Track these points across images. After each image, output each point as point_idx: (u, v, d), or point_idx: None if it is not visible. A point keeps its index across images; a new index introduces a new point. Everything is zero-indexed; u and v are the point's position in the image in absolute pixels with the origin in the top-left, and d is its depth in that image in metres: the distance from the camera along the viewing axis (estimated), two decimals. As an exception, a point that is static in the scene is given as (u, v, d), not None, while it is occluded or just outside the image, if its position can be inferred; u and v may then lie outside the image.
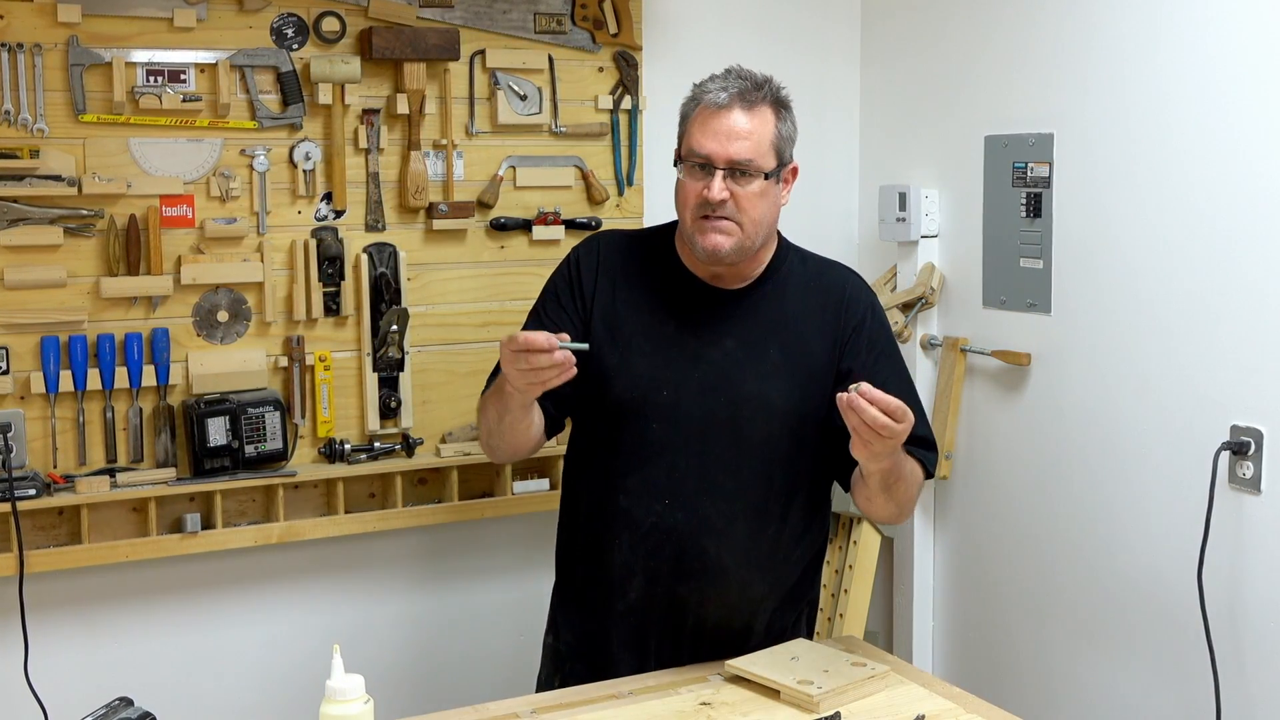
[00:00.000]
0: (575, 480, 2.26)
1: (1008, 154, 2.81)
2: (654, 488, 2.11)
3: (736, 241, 2.04)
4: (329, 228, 2.70)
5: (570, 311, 2.17)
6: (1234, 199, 2.35)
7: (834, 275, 2.22)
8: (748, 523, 2.14)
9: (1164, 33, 2.46)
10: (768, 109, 2.04)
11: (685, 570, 2.13)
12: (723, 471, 2.10)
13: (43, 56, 2.44)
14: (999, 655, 2.97)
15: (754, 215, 2.04)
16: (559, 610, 2.31)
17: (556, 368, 1.89)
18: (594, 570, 2.21)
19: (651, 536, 2.13)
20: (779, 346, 2.12)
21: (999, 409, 2.91)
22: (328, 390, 2.70)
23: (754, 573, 2.16)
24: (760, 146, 2.02)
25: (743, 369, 2.10)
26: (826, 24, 3.20)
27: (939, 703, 1.98)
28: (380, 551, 2.86)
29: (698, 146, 2.02)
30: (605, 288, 2.17)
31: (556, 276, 2.24)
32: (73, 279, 2.50)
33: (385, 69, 2.70)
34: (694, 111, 2.07)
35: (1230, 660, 2.38)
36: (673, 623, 2.17)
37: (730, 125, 2.01)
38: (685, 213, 2.07)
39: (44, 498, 2.44)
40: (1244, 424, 2.35)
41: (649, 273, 2.18)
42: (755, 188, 2.02)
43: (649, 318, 2.14)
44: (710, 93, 2.04)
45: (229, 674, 2.75)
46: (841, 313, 2.16)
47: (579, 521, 2.25)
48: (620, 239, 2.25)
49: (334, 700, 1.68)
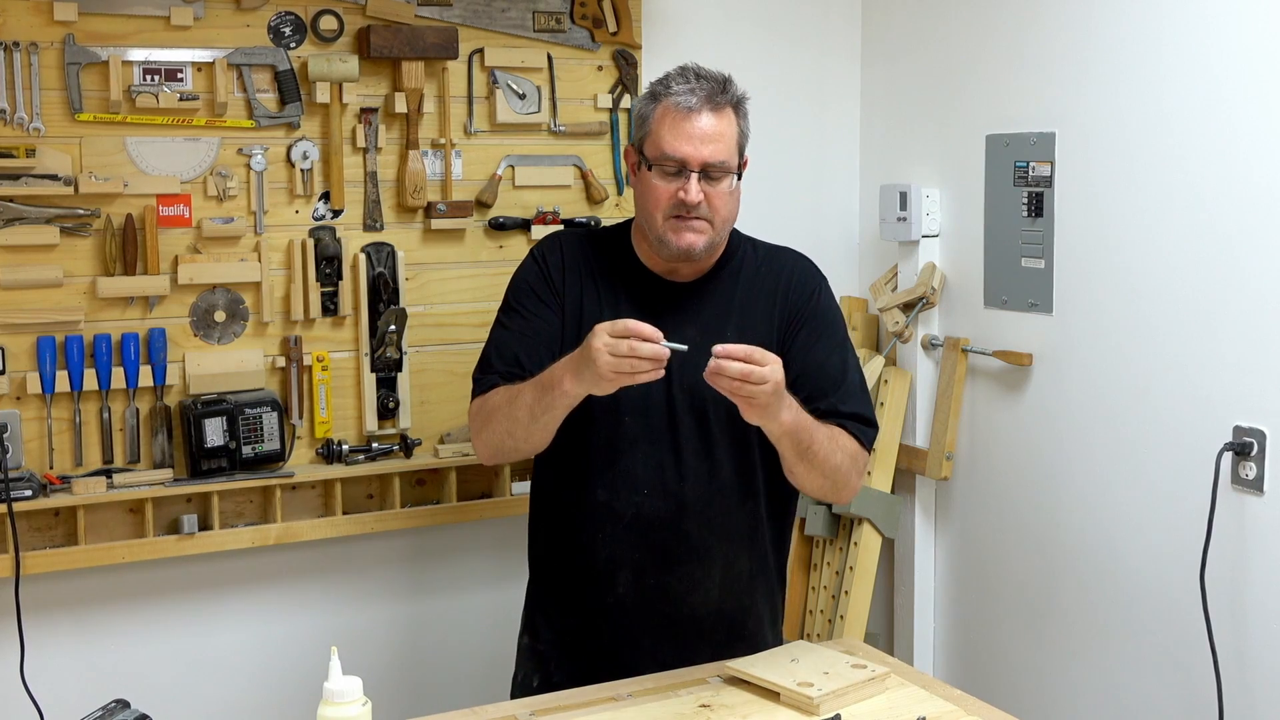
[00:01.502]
0: (547, 478, 2.27)
1: (1009, 153, 2.81)
2: (631, 479, 2.15)
3: (708, 239, 2.11)
4: (327, 227, 2.69)
5: (551, 307, 2.20)
6: (1237, 198, 2.34)
7: (782, 260, 2.26)
8: (725, 500, 2.18)
9: (1166, 31, 2.46)
10: (731, 110, 2.10)
11: (671, 557, 2.17)
12: (695, 455, 2.15)
13: (39, 55, 2.43)
14: (1000, 657, 2.96)
15: (724, 214, 2.11)
16: (537, 610, 2.31)
17: (653, 361, 1.87)
18: (576, 567, 2.22)
19: (634, 527, 2.16)
20: (734, 330, 2.16)
21: (1000, 409, 2.90)
22: (325, 391, 2.69)
23: (738, 548, 2.21)
24: (729, 147, 2.08)
25: (704, 354, 2.11)
26: (827, 21, 3.20)
27: (940, 705, 1.97)
28: (378, 553, 2.85)
29: (670, 150, 2.06)
30: (573, 283, 2.21)
31: (526, 274, 2.25)
32: (69, 279, 2.49)
33: (383, 68, 2.69)
34: (655, 112, 2.09)
35: (1233, 662, 2.38)
36: (665, 614, 2.18)
37: (701, 129, 2.05)
38: (656, 213, 2.10)
39: (40, 499, 2.43)
40: (1247, 424, 2.34)
41: (610, 269, 2.22)
42: (726, 186, 2.09)
43: (614, 312, 2.14)
44: (676, 94, 2.07)
45: (226, 676, 2.74)
46: (789, 295, 2.21)
47: (554, 519, 2.26)
48: (577, 238, 2.29)
49: (332, 702, 1.67)
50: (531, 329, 2.18)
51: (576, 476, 2.19)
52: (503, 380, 2.15)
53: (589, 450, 2.16)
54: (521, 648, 2.34)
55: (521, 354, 2.15)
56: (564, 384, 1.97)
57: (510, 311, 2.22)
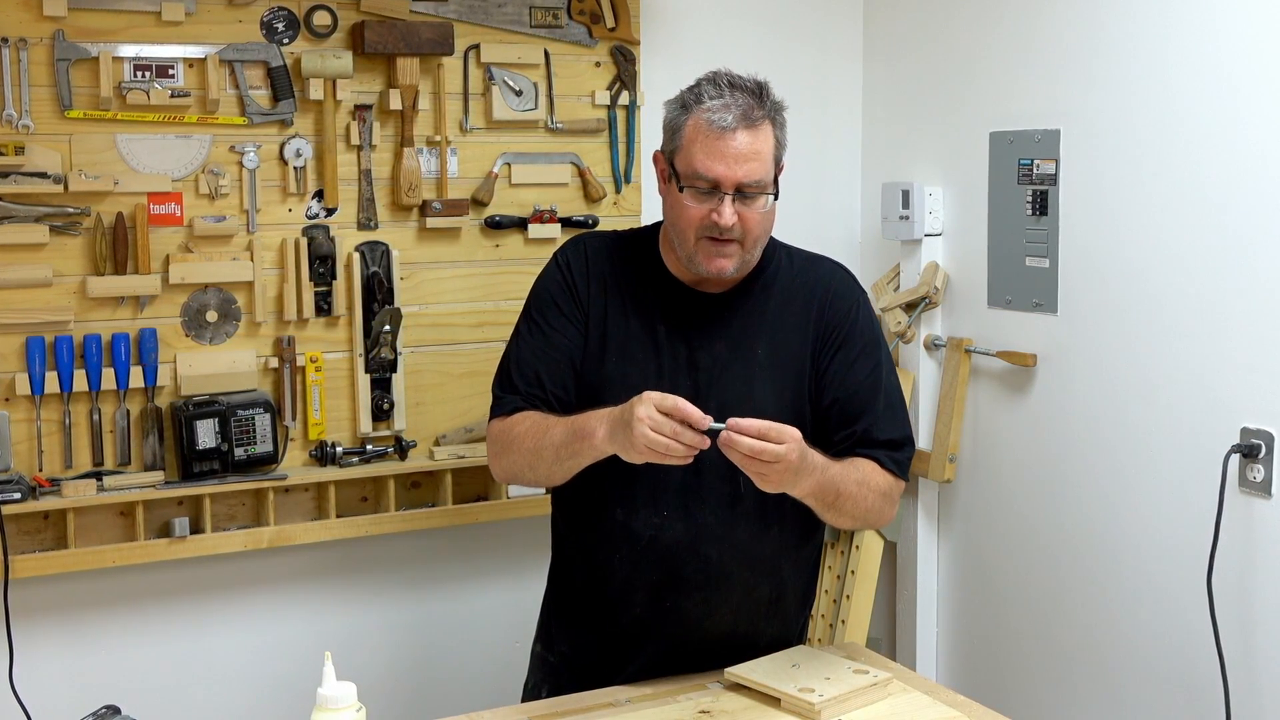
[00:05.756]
0: (567, 493, 2.20)
1: (1013, 150, 2.79)
2: (650, 499, 2.08)
3: (739, 260, 2.04)
4: (320, 226, 2.67)
5: (574, 321, 2.13)
6: (1244, 196, 2.33)
7: (818, 271, 2.19)
8: (749, 526, 2.11)
9: (1173, 27, 2.44)
10: (768, 124, 2.01)
11: (689, 582, 2.10)
12: (718, 477, 2.06)
13: (28, 51, 2.41)
14: (1004, 662, 2.95)
15: (758, 233, 2.03)
16: (553, 621, 2.27)
17: (691, 449, 1.82)
18: (592, 585, 2.17)
19: (652, 550, 2.09)
20: (765, 346, 2.10)
21: (1004, 411, 2.88)
22: (319, 392, 2.68)
23: (759, 576, 2.14)
24: (765, 165, 2.00)
25: (731, 371, 2.09)
26: (828, 18, 3.18)
27: (943, 711, 1.96)
28: (372, 556, 2.83)
29: (704, 170, 1.98)
30: (597, 293, 2.14)
31: (548, 283, 2.17)
32: (58, 278, 2.47)
33: (378, 64, 2.67)
34: (687, 125, 2.01)
35: (1240, 667, 2.36)
36: (678, 637, 2.13)
37: (737, 148, 1.97)
38: (688, 233, 2.03)
39: (29, 501, 2.42)
40: (1254, 426, 2.33)
41: (636, 278, 2.15)
42: (761, 205, 2.01)
43: (640, 324, 2.11)
44: (711, 111, 1.98)
45: (218, 681, 2.73)
46: (825, 309, 2.14)
47: (573, 534, 2.21)
48: (603, 242, 2.21)
49: (325, 709, 1.66)
50: (553, 345, 2.11)
51: (596, 495, 2.12)
52: (524, 402, 2.10)
53: (609, 469, 2.05)
54: (534, 655, 2.30)
55: (543, 373, 2.10)
56: (595, 436, 1.92)
57: (532, 323, 2.15)
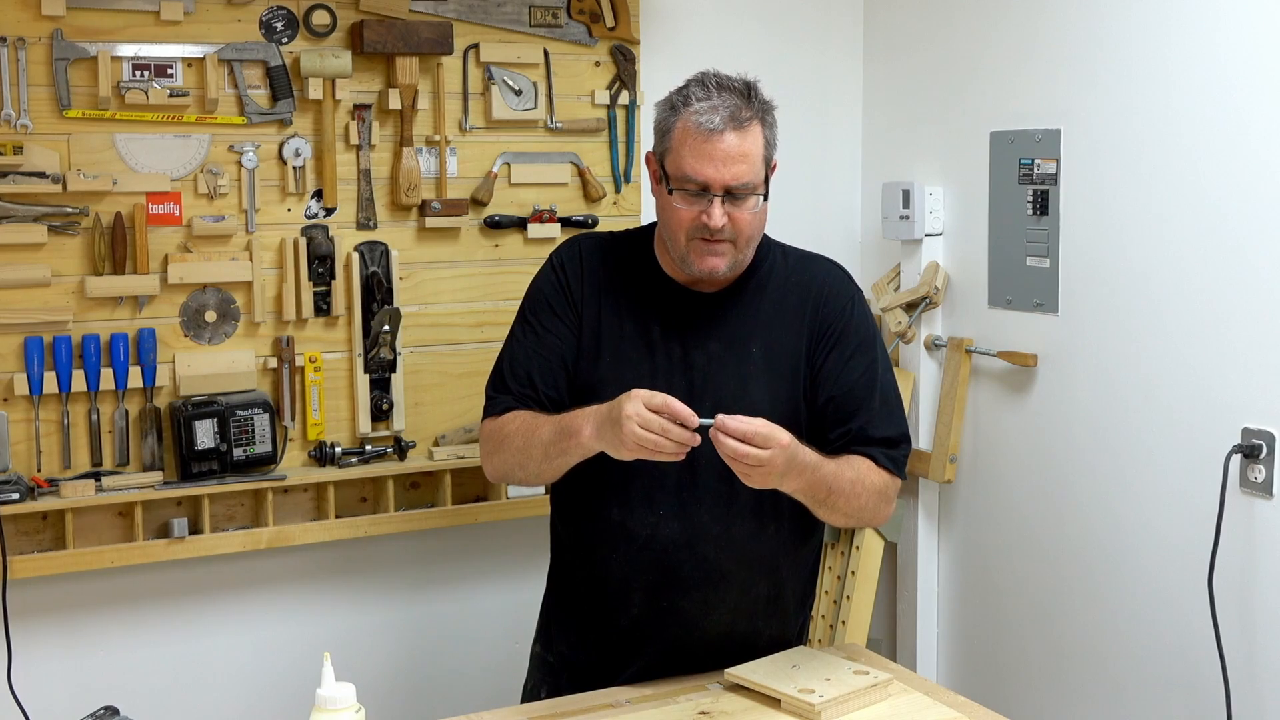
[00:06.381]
0: (564, 492, 2.21)
1: (1014, 150, 2.78)
2: (647, 499, 2.08)
3: (732, 260, 2.04)
4: (319, 226, 2.66)
5: (567, 322, 2.13)
6: (1245, 196, 2.32)
7: (813, 270, 2.18)
8: (746, 524, 2.11)
9: (1174, 26, 2.44)
10: (757, 124, 2.01)
11: (687, 581, 2.09)
12: (715, 476, 2.05)
13: (26, 50, 2.41)
14: (1004, 662, 2.94)
15: (749, 233, 2.03)
16: (552, 622, 2.26)
17: (680, 446, 1.83)
18: (591, 584, 2.17)
19: (649, 549, 2.09)
20: (760, 345, 2.10)
21: (1005, 411, 2.87)
22: (318, 392, 2.67)
23: (757, 574, 2.14)
24: (754, 166, 2.00)
25: (726, 370, 2.09)
26: (828, 17, 3.17)
27: (943, 712, 1.96)
28: (372, 557, 2.83)
29: (693, 173, 1.98)
30: (591, 294, 2.14)
31: (542, 284, 2.18)
32: (57, 278, 2.46)
33: (377, 63, 2.67)
34: (675, 127, 2.01)
35: (1242, 668, 2.36)
36: (677, 636, 2.13)
37: (725, 150, 1.97)
38: (679, 234, 2.03)
39: (28, 502, 2.41)
40: (1256, 426, 2.32)
41: (630, 278, 2.15)
42: (751, 206, 2.01)
43: (634, 324, 2.11)
44: (699, 114, 1.98)
45: (217, 682, 2.72)
46: (820, 308, 2.13)
47: (571, 534, 2.21)
48: (598, 242, 2.22)
49: (324, 709, 1.66)
50: (546, 346, 2.12)
51: (593, 494, 2.12)
52: (516, 402, 2.10)
53: (605, 469, 2.06)
54: (534, 656, 2.29)
55: (535, 374, 2.10)
56: (582, 434, 1.93)
57: (525, 325, 2.16)
